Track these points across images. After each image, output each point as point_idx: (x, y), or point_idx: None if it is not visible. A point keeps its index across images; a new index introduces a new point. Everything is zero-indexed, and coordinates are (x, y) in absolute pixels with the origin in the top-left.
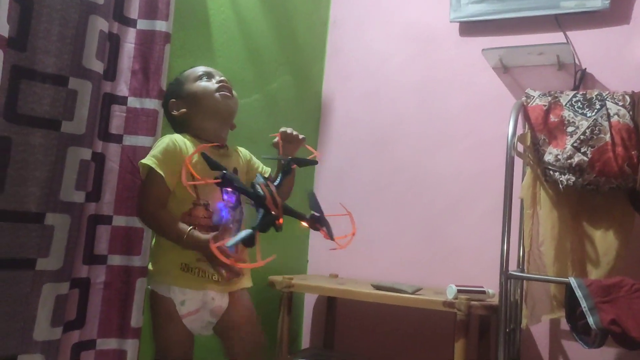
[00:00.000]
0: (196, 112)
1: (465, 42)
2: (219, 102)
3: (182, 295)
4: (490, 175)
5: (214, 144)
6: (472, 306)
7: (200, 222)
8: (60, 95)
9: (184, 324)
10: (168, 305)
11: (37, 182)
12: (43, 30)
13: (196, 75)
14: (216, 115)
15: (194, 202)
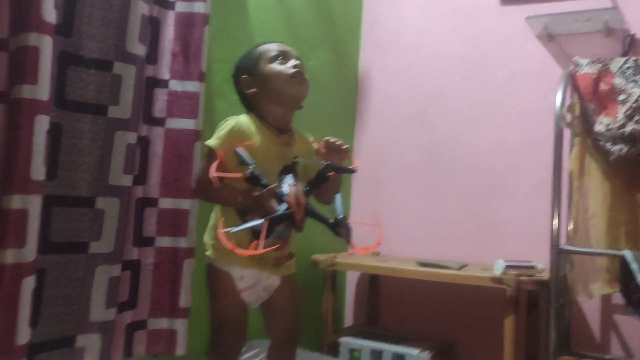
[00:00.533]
0: (266, 94)
1: (507, 11)
2: (292, 89)
3: (241, 271)
4: (537, 148)
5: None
6: (521, 282)
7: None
8: (105, 80)
9: (241, 297)
10: (227, 280)
11: (87, 167)
12: (87, 15)
13: (271, 55)
14: (285, 101)
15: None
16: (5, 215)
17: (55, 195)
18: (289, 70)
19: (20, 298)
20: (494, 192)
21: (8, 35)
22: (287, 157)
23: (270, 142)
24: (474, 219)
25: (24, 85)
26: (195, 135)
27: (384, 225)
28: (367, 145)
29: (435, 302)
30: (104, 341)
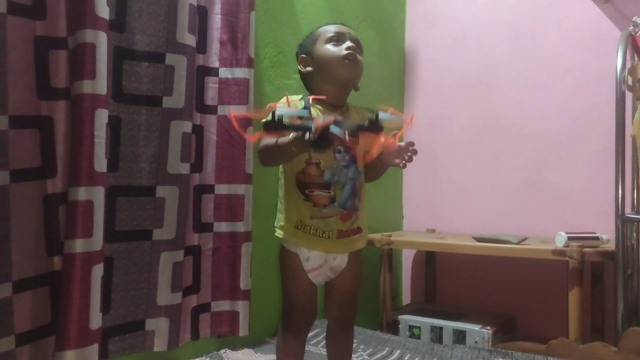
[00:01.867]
0: (319, 74)
1: None
2: (342, 70)
3: (308, 252)
4: (597, 113)
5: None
6: (586, 253)
7: (312, 179)
8: (159, 72)
9: (308, 278)
10: (295, 260)
11: (146, 158)
12: (137, 9)
13: (327, 36)
14: (337, 81)
15: (307, 161)
16: (73, 207)
17: (118, 185)
18: (342, 52)
19: (91, 285)
20: (552, 161)
21: (66, 34)
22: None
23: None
24: (532, 190)
25: (83, 81)
26: (247, 121)
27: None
28: (417, 120)
29: (494, 277)
30: (172, 324)
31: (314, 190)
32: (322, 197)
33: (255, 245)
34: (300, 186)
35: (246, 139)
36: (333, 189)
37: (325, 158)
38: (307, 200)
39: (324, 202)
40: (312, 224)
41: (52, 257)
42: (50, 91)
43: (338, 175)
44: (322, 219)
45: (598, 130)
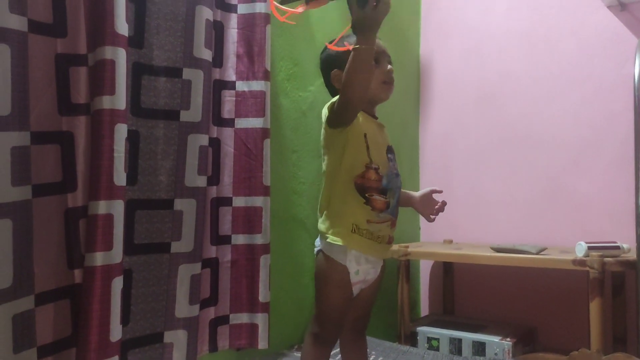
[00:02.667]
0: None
1: None
2: (381, 93)
3: (357, 265)
4: (615, 121)
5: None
6: (606, 263)
7: (372, 184)
8: (176, 86)
9: (352, 290)
10: (343, 273)
11: (165, 171)
12: (155, 26)
13: None
14: (373, 101)
15: (367, 165)
16: (94, 221)
17: (137, 199)
18: (383, 75)
19: (111, 297)
20: (570, 170)
21: (87, 51)
22: (386, 138)
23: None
24: (550, 200)
25: (103, 97)
26: (264, 133)
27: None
28: (433, 132)
29: (513, 288)
30: (190, 336)
31: (374, 194)
32: (380, 201)
33: (273, 258)
34: (360, 190)
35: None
36: (388, 195)
37: (382, 164)
38: (367, 204)
39: (381, 207)
40: (367, 227)
41: (72, 270)
42: (70, 107)
43: (392, 182)
44: (378, 224)
45: (616, 138)
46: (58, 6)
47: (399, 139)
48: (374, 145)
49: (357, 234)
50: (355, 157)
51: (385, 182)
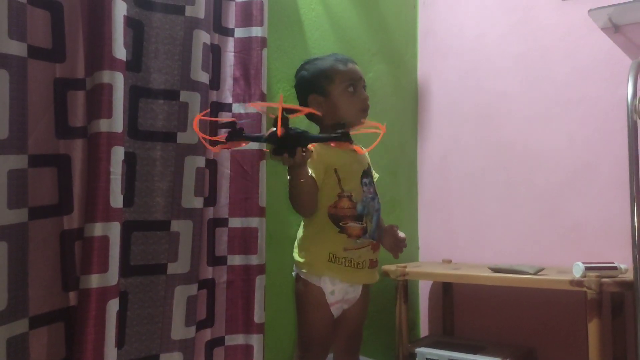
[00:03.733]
0: (331, 118)
1: (567, 5)
2: (358, 121)
3: (332, 285)
4: (610, 143)
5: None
6: (604, 283)
7: (345, 212)
8: (173, 108)
9: (330, 311)
10: (318, 294)
11: (161, 192)
12: (153, 50)
13: (344, 81)
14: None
15: (339, 195)
16: (90, 243)
17: (134, 220)
18: (359, 103)
19: (106, 320)
20: (566, 191)
21: (85, 76)
22: (362, 163)
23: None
24: (547, 221)
25: (100, 120)
26: (259, 155)
27: (455, 232)
28: (431, 154)
29: (512, 309)
30: (186, 359)
31: (348, 222)
32: (356, 228)
33: (269, 278)
34: (334, 219)
35: (208, 147)
36: (365, 220)
37: (355, 191)
38: (342, 232)
39: (358, 234)
40: (346, 255)
41: (67, 292)
42: (68, 130)
43: (367, 206)
44: (357, 250)
45: (612, 159)
46: (57, 32)
47: (396, 160)
48: (347, 175)
49: (334, 263)
50: (327, 189)
51: (360, 208)
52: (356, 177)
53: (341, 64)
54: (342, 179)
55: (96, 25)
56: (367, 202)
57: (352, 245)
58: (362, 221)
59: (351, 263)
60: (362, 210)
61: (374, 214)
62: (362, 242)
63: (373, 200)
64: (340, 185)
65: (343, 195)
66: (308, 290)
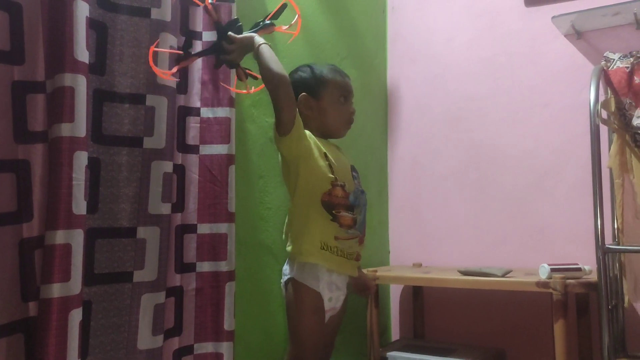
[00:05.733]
0: (318, 122)
1: (532, 12)
2: (342, 131)
3: (330, 292)
4: (575, 146)
5: None
6: (569, 285)
7: (339, 201)
8: (139, 113)
9: (325, 317)
10: (316, 299)
11: (127, 198)
12: (118, 53)
13: (338, 89)
14: (331, 135)
15: (332, 183)
16: (51, 251)
17: (98, 227)
18: (347, 115)
19: (68, 330)
20: (533, 193)
21: (45, 78)
22: (348, 159)
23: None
24: (515, 223)
25: (62, 124)
26: (228, 159)
27: (425, 236)
28: (401, 157)
29: (481, 311)
30: None
31: (341, 211)
32: (348, 218)
33: (239, 285)
34: (327, 207)
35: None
36: (355, 211)
37: (349, 181)
38: (334, 220)
39: (349, 223)
40: (336, 244)
41: (27, 302)
42: (27, 135)
43: (358, 198)
44: (346, 240)
45: (576, 162)
46: (16, 33)
47: (367, 163)
48: (338, 163)
49: (327, 251)
50: (320, 175)
51: (352, 198)
52: (346, 168)
53: (338, 75)
54: (334, 167)
55: (57, 26)
56: (358, 194)
57: (344, 234)
58: (353, 212)
59: (342, 253)
60: (354, 201)
61: (363, 207)
62: (352, 233)
63: (363, 194)
64: (333, 171)
65: (337, 184)
66: (306, 294)
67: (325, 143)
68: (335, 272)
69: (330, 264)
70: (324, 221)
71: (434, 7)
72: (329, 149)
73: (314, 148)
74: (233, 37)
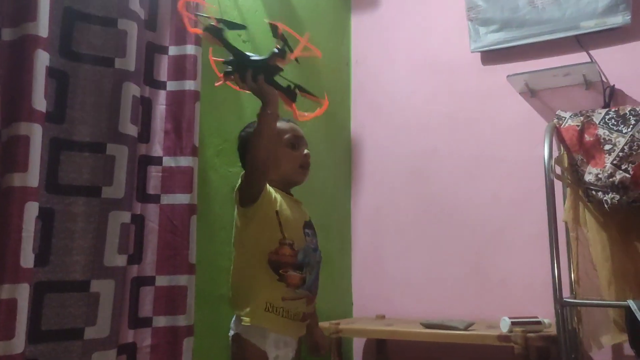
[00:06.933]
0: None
1: (489, 70)
2: (297, 177)
3: (276, 349)
4: (532, 200)
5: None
6: (529, 338)
7: (287, 259)
8: (99, 162)
9: None
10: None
11: (82, 250)
12: (79, 102)
13: (286, 138)
14: (288, 183)
15: (280, 241)
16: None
17: (48, 281)
18: (300, 159)
19: None
20: (493, 246)
21: (1, 127)
22: (303, 214)
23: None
24: (475, 275)
25: (14, 174)
26: (190, 209)
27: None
28: (364, 208)
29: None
30: None
31: (289, 270)
32: (296, 277)
33: (198, 340)
34: (274, 266)
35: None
36: (305, 270)
37: (297, 239)
38: (281, 280)
39: (297, 283)
40: (283, 305)
41: None
42: None
43: (309, 256)
44: (293, 301)
45: (533, 216)
46: None
47: (330, 214)
48: (288, 221)
49: (272, 313)
50: (268, 234)
51: (301, 257)
52: (298, 225)
53: (283, 122)
54: (283, 224)
55: (16, 75)
56: (309, 252)
57: (291, 294)
58: (302, 271)
59: (288, 314)
60: (303, 259)
61: (315, 265)
62: (300, 293)
63: (315, 252)
64: (281, 230)
65: (285, 242)
66: (250, 352)
67: (284, 196)
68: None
69: (273, 326)
70: (271, 281)
71: (396, 62)
72: (282, 204)
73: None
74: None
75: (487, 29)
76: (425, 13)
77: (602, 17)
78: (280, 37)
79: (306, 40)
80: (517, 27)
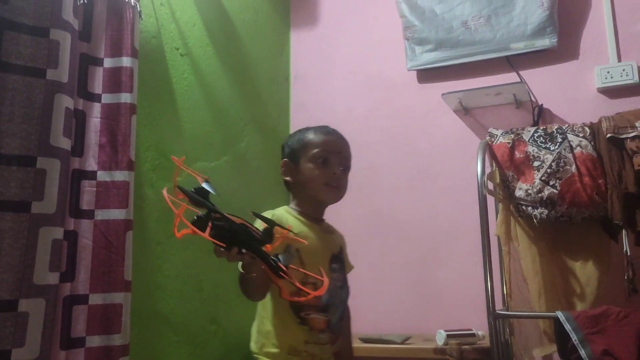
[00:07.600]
0: (299, 188)
1: (424, 88)
2: (322, 195)
3: None
4: (466, 215)
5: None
6: (464, 350)
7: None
8: (28, 176)
9: None
10: None
11: (9, 268)
12: (8, 113)
13: (313, 153)
14: (315, 202)
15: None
16: None
17: None
18: (325, 177)
19: None
20: (430, 260)
21: None
22: (331, 245)
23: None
24: (414, 289)
25: None
26: (126, 225)
27: None
28: None
29: None
30: None
31: (311, 313)
32: (319, 321)
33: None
34: (295, 309)
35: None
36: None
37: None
38: (303, 324)
39: (321, 327)
40: (307, 349)
41: None
42: None
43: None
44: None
45: (468, 230)
46: None
47: None
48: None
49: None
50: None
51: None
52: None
53: (322, 134)
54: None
55: None
56: (334, 291)
57: (315, 339)
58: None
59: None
60: (328, 300)
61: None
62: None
63: (341, 289)
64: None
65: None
66: None
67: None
68: None
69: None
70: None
71: (335, 78)
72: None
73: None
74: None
75: (422, 48)
76: (364, 30)
77: (531, 39)
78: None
79: (289, 229)
80: (451, 47)
